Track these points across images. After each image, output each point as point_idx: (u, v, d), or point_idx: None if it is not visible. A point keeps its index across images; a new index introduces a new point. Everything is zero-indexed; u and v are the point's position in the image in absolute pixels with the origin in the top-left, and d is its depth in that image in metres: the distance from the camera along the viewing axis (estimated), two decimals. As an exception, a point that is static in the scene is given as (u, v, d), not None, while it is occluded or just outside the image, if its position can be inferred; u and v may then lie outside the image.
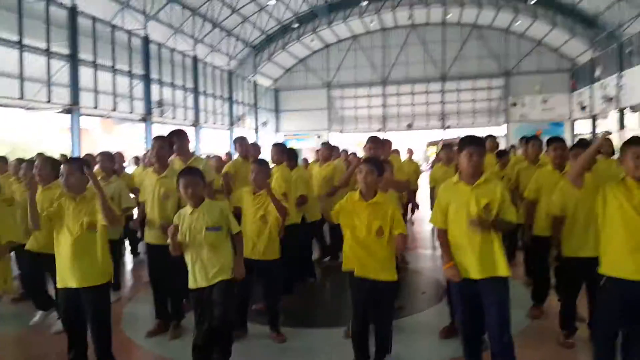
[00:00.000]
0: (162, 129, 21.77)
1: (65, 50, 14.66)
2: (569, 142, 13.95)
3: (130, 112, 17.87)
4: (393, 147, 7.61)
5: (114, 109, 16.96)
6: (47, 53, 13.93)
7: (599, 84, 22.65)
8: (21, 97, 13.05)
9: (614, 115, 22.48)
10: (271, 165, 4.84)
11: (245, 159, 5.72)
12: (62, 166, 3.27)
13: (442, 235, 3.07)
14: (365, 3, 25.56)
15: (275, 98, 31.94)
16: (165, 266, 3.91)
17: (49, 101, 13.96)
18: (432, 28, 28.97)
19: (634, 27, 19.81)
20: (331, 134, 31.41)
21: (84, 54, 15.40)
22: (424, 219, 8.81)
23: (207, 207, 3.20)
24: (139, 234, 5.88)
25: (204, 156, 6.77)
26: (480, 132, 27.45)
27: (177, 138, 4.57)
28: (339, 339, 3.98)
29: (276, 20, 26.72)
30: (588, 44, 24.09)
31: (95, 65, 15.98)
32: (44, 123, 30.95)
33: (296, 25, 26.89)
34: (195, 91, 22.28)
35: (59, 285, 3.23)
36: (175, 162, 4.59)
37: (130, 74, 17.80)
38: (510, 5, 24.49)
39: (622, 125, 21.08)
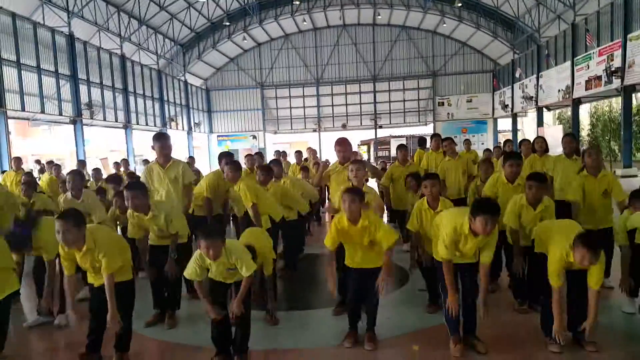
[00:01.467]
0: (92, 131, 20.46)
1: (-16, 48, 13.28)
2: (491, 139, 14.82)
3: (60, 114, 16.52)
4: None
5: (42, 111, 15.60)
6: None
7: (519, 84, 24.44)
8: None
9: (533, 113, 24.46)
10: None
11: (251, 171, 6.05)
12: (57, 222, 3.32)
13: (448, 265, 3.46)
14: (297, 2, 25.61)
15: (207, 98, 31.08)
16: (162, 263, 4.23)
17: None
18: (363, 28, 29.72)
19: (551, 31, 21.60)
20: (266, 134, 31.19)
21: (6, 53, 14.03)
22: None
23: (224, 259, 3.40)
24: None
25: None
26: (411, 130, 28.81)
27: (157, 141, 4.91)
28: (325, 317, 4.41)
29: (206, 18, 26.05)
30: (508, 46, 25.92)
31: (19, 64, 14.59)
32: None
33: (227, 23, 26.33)
34: (125, 91, 21.10)
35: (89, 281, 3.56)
36: (154, 167, 4.97)
37: (56, 74, 16.46)
38: (437, 8, 25.72)
39: (540, 123, 22.92)
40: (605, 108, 22.25)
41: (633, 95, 16.67)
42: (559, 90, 20.04)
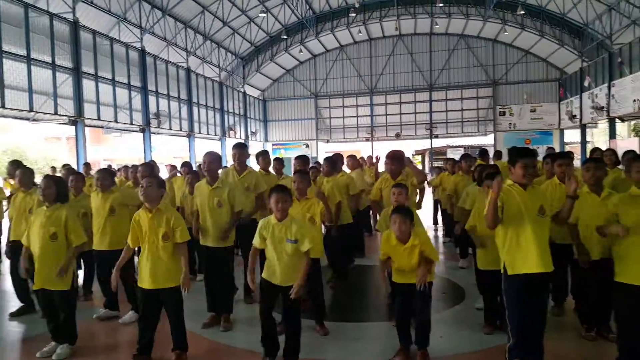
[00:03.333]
0: (159, 139, 21.59)
1: (69, 64, 14.44)
2: (558, 151, 13.07)
3: (130, 123, 17.64)
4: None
5: (115, 120, 16.73)
6: (53, 66, 13.71)
7: (588, 94, 23.37)
8: (30, 109, 12.83)
9: (603, 125, 23.22)
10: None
11: (266, 172, 6.11)
12: (144, 180, 3.78)
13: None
14: (353, 14, 25.91)
15: (264, 108, 31.96)
16: (217, 266, 4.58)
17: (55, 113, 13.74)
18: (419, 38, 29.54)
19: (625, 37, 20.52)
20: (319, 143, 31.60)
21: (86, 67, 15.19)
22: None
23: (289, 222, 3.58)
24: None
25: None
26: (469, 141, 28.08)
27: (238, 150, 5.30)
28: (376, 331, 4.45)
29: (265, 32, 26.89)
30: (576, 53, 24.89)
31: (96, 77, 15.75)
32: (28, 133, 30.56)
33: (284, 36, 27.05)
34: (189, 102, 22.14)
35: (139, 285, 3.81)
36: (230, 172, 5.24)
37: (129, 86, 17.60)
38: (498, 16, 25.19)
39: (612, 135, 21.77)
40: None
41: None
42: (635, 100, 18.99)
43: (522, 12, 23.56)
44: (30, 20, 12.92)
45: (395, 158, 5.11)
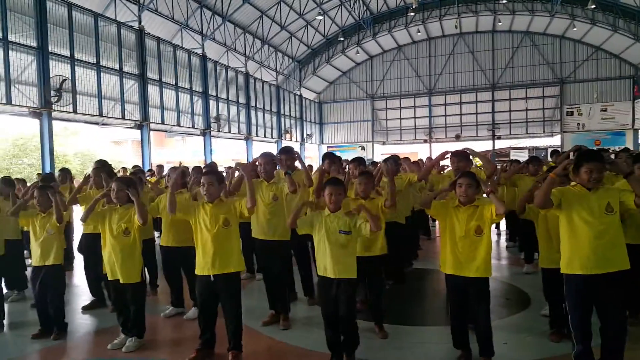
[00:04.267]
0: (219, 142, 22.22)
1: (135, 70, 15.18)
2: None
3: (192, 127, 18.27)
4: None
5: (178, 124, 17.40)
6: (120, 73, 14.46)
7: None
8: (100, 114, 13.59)
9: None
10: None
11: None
12: (203, 177, 3.89)
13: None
14: (412, 14, 25.47)
15: (320, 110, 32.11)
16: (273, 263, 4.58)
17: (123, 117, 14.48)
18: (481, 36, 28.60)
19: None
20: (375, 145, 31.31)
21: (151, 73, 15.90)
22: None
23: (342, 213, 3.58)
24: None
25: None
26: (534, 142, 26.74)
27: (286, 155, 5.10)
28: (434, 335, 4.35)
29: (321, 34, 27.02)
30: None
31: (160, 83, 16.45)
32: (96, 136, 32.47)
33: (341, 38, 27.03)
34: (247, 106, 22.65)
35: (197, 272, 3.84)
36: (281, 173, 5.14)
37: (190, 91, 18.25)
38: (566, 11, 23.88)
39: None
40: None
41: None
42: None
43: (593, 7, 22.16)
44: (100, 29, 13.72)
45: (462, 155, 4.86)
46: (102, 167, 5.42)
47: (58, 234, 4.45)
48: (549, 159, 9.28)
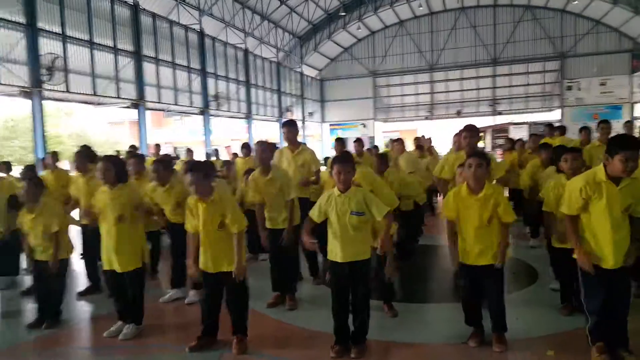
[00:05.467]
0: (219, 122, 22.02)
1: (130, 47, 14.91)
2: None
3: (190, 106, 18.08)
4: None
5: (176, 103, 17.20)
6: (114, 50, 14.20)
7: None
8: (94, 93, 13.38)
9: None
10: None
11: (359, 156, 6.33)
12: (189, 173, 3.56)
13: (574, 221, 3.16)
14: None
15: (321, 88, 31.76)
16: (279, 246, 4.51)
17: (118, 97, 14.28)
18: (482, 10, 28.06)
19: None
20: (376, 123, 31.08)
21: (147, 50, 15.63)
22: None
23: (353, 193, 3.38)
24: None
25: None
26: (533, 117, 26.64)
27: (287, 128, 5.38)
28: (443, 312, 4.36)
29: (322, 9, 26.51)
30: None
31: (157, 60, 16.20)
32: (92, 117, 32.12)
33: (343, 13, 26.54)
34: (247, 83, 22.37)
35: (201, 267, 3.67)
36: (284, 152, 5.36)
37: (188, 69, 17.99)
38: (568, -17, 23.43)
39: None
40: None
41: None
42: None
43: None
44: (92, 5, 13.36)
45: (473, 130, 4.68)
46: (83, 152, 5.46)
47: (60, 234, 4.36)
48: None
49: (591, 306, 3.17)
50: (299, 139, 5.53)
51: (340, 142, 6.91)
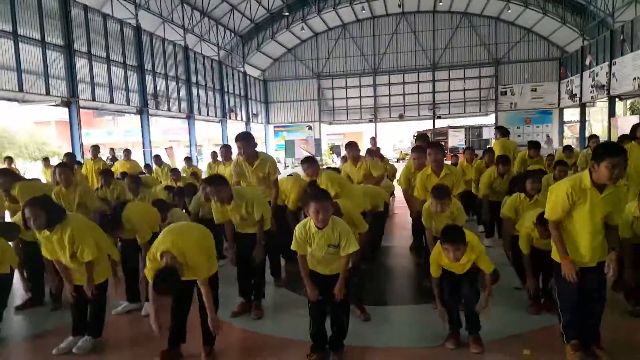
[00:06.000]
0: (157, 122, 21.03)
1: (60, 41, 13.83)
2: (556, 130, 13.29)
3: (127, 104, 17.08)
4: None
5: (111, 101, 16.17)
6: (42, 43, 13.09)
7: (588, 72, 22.92)
8: (19, 90, 12.24)
9: (602, 103, 22.88)
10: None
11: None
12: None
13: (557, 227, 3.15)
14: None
15: (265, 89, 31.31)
16: (246, 251, 4.21)
17: (47, 93, 13.16)
18: (422, 16, 28.86)
19: (627, 15, 20.02)
20: (322, 125, 31.11)
21: (78, 45, 14.58)
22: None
23: (330, 228, 3.24)
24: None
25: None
26: (470, 121, 27.77)
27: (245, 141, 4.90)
28: (414, 314, 4.26)
29: (265, 8, 26.13)
30: (578, 32, 24.34)
31: (90, 56, 15.15)
32: (17, 115, 29.85)
33: (286, 13, 26.30)
34: (188, 82, 21.54)
35: None
36: (242, 162, 4.98)
37: (124, 65, 16.99)
38: (503, -7, 24.53)
39: (612, 113, 21.41)
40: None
41: None
42: (635, 78, 18.58)
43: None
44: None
45: (438, 147, 4.86)
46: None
47: None
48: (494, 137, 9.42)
49: (565, 304, 3.17)
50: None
51: (351, 146, 6.27)
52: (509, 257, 4.44)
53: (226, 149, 7.55)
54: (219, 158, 7.99)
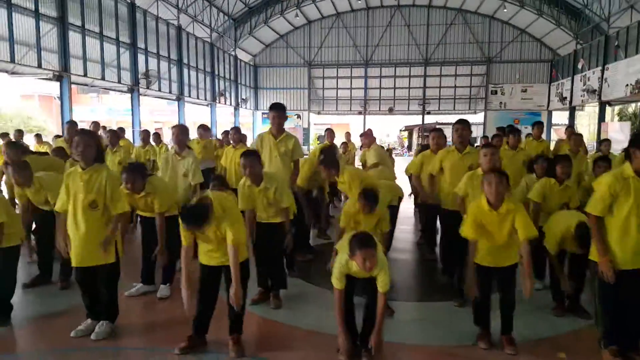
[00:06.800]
0: (147, 101, 20.56)
1: (54, 13, 13.35)
2: (544, 132, 13.36)
3: (118, 82, 16.64)
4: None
5: (103, 78, 15.73)
6: (36, 14, 12.61)
7: (580, 76, 23.25)
8: (11, 60, 11.78)
9: (590, 108, 23.29)
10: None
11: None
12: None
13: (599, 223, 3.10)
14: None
15: (255, 74, 30.92)
16: (267, 240, 4.15)
17: (39, 66, 12.71)
18: (417, 10, 28.77)
19: (621, 22, 20.33)
20: (310, 114, 30.92)
21: (72, 18, 14.11)
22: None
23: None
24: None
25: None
26: (461, 117, 28.19)
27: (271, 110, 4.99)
28: (442, 313, 4.14)
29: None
30: (571, 35, 24.63)
31: (83, 30, 14.68)
32: (4, 87, 28.91)
33: (281, -3, 25.91)
34: (180, 63, 21.10)
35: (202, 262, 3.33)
36: (266, 136, 5.04)
37: (117, 42, 16.53)
38: (499, -9, 24.63)
39: (602, 119, 21.79)
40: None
41: None
42: (627, 85, 18.91)
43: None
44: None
45: (440, 131, 5.00)
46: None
47: None
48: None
49: (606, 309, 3.14)
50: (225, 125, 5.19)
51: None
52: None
53: (236, 130, 7.34)
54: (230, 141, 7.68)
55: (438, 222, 5.52)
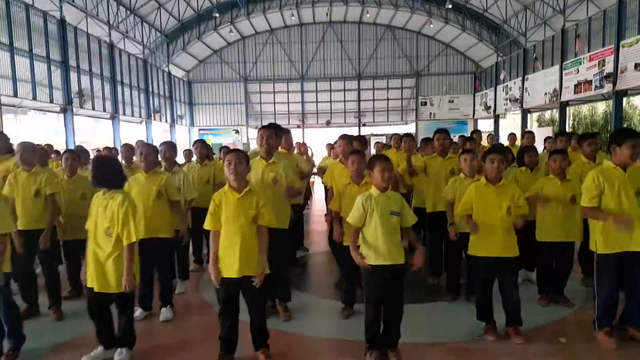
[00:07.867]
0: (81, 121, 19.50)
1: (-20, 30, 12.47)
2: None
3: (51, 102, 15.72)
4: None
5: (34, 98, 14.80)
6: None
7: (502, 86, 25.12)
8: None
9: (512, 115, 25.24)
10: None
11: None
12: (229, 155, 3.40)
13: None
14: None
15: (189, 90, 30.33)
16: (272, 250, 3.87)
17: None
18: (348, 26, 29.69)
19: (537, 36, 22.31)
20: (249, 129, 30.77)
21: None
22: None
23: (391, 193, 3.36)
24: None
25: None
26: (392, 129, 28.91)
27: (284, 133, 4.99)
28: (442, 311, 4.36)
29: (193, 9, 25.43)
30: (492, 49, 26.57)
31: (12, 48, 13.79)
32: None
33: (216, 14, 25.73)
34: (113, 80, 20.31)
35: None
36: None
37: (48, 59, 15.65)
38: (425, 9, 26.08)
39: (526, 125, 23.64)
40: (585, 112, 23.19)
41: (624, 99, 17.42)
42: (546, 93, 20.73)
43: (450, 6, 24.58)
44: None
45: (410, 136, 5.66)
46: None
47: None
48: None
49: (604, 294, 3.43)
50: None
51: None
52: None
53: (201, 144, 6.47)
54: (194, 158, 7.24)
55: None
